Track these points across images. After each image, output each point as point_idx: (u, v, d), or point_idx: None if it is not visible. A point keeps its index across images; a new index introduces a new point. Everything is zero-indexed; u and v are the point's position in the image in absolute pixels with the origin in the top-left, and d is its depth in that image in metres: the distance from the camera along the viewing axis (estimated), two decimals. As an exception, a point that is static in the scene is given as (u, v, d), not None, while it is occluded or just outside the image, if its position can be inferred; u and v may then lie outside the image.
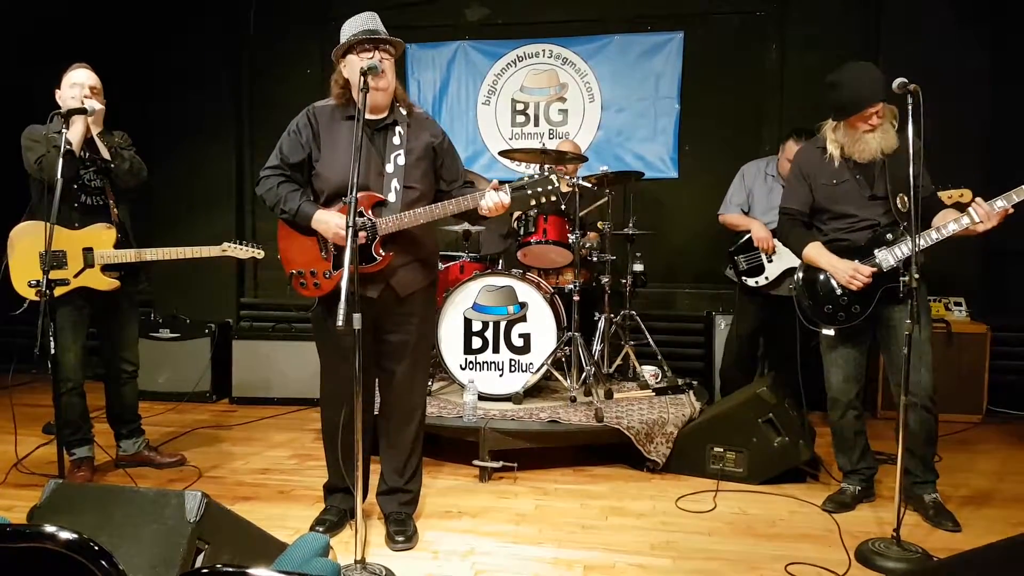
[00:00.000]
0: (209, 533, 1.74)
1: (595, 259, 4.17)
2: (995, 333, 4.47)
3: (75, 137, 3.02)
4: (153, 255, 3.22)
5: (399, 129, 2.60)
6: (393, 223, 2.51)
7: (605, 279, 4.06)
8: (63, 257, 3.09)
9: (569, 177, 4.01)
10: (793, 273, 3.87)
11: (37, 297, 2.65)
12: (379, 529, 2.75)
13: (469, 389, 3.55)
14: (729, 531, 2.81)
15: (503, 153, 4.35)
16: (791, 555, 2.55)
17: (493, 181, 2.54)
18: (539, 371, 3.77)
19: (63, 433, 3.01)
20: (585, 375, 3.78)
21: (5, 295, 3.10)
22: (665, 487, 3.27)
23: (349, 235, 2.22)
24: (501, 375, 3.83)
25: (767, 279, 4.04)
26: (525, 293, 3.80)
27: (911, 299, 2.47)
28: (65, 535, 0.93)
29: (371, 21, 2.53)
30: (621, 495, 3.18)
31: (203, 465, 3.51)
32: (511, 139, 5.39)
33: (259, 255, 3.41)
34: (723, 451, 3.33)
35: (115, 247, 3.18)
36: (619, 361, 4.25)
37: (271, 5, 5.52)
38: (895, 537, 2.50)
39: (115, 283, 3.19)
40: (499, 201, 2.49)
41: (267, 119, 5.43)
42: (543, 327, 3.78)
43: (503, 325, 3.81)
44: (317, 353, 2.79)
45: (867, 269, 2.80)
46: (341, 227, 2.46)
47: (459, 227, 4.31)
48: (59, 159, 2.75)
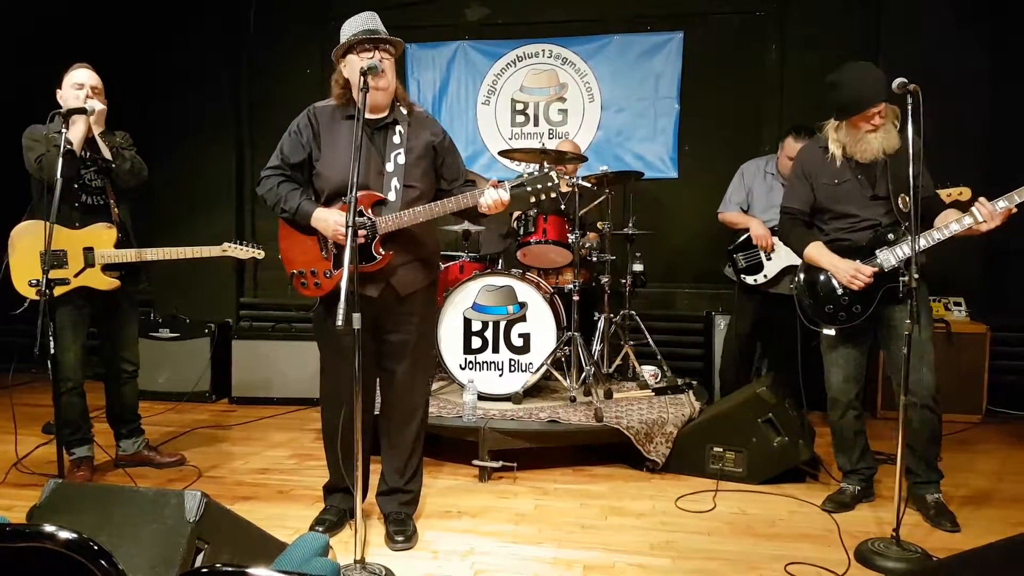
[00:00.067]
0: (209, 533, 1.74)
1: (595, 259, 4.17)
2: (995, 333, 4.47)
3: (76, 137, 3.02)
4: (154, 255, 3.22)
5: (399, 128, 2.60)
6: (392, 222, 2.51)
7: (605, 279, 4.06)
8: (64, 256, 3.09)
9: (569, 177, 4.01)
10: (791, 271, 3.90)
11: (37, 296, 2.65)
12: (379, 529, 2.75)
13: (469, 389, 3.55)
14: (729, 531, 2.81)
15: (503, 153, 4.35)
16: (791, 555, 2.55)
17: (492, 179, 2.54)
18: (539, 371, 3.78)
19: (63, 433, 3.01)
20: (585, 375, 3.78)
21: (6, 294, 3.11)
22: (665, 487, 3.27)
23: (349, 234, 2.21)
24: (501, 375, 3.83)
25: (766, 277, 4.04)
26: (525, 293, 3.80)
27: (911, 299, 2.47)
28: (65, 535, 0.93)
29: (371, 21, 2.53)
30: (621, 495, 3.19)
31: (203, 465, 3.51)
32: (511, 139, 5.39)
33: (259, 255, 3.41)
34: (723, 451, 3.33)
35: (115, 247, 3.18)
36: (619, 361, 4.25)
37: (271, 5, 5.52)
38: (894, 537, 2.50)
39: (115, 283, 3.20)
40: (498, 199, 2.49)
41: (267, 119, 5.43)
42: (543, 327, 3.78)
43: (503, 325, 3.81)
44: (318, 353, 2.79)
45: (868, 269, 2.80)
46: (340, 225, 2.47)
47: (459, 227, 4.31)
48: (59, 158, 2.75)
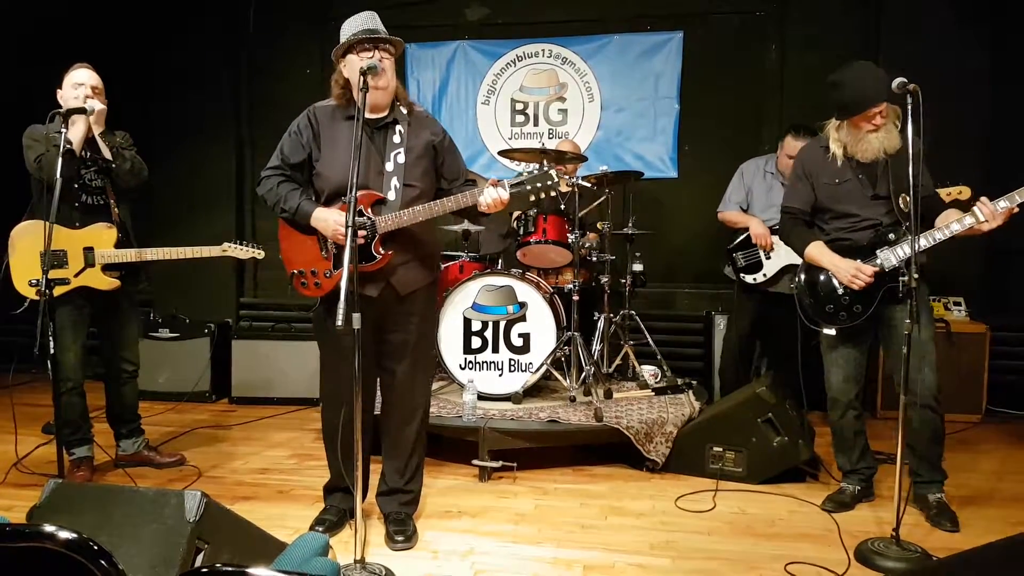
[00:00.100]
0: (208, 533, 1.73)
1: (594, 259, 4.17)
2: (994, 333, 4.47)
3: (76, 136, 3.03)
4: (154, 255, 3.22)
5: (399, 128, 2.60)
6: (392, 221, 2.51)
7: (605, 279, 4.06)
8: (64, 256, 3.09)
9: (569, 177, 4.01)
10: (791, 270, 3.90)
11: (38, 296, 2.65)
12: (379, 529, 2.75)
13: (468, 389, 3.55)
14: (728, 531, 2.81)
15: (502, 153, 4.35)
16: (790, 555, 2.55)
17: (491, 177, 2.54)
18: (538, 371, 3.78)
19: (63, 433, 3.01)
20: (584, 375, 3.78)
21: (6, 294, 3.11)
22: (664, 487, 3.27)
23: (349, 234, 2.21)
24: (500, 375, 3.83)
25: (765, 276, 4.04)
26: (524, 293, 3.80)
27: (911, 299, 2.47)
28: (64, 535, 0.93)
29: (371, 20, 2.53)
30: (620, 495, 3.18)
31: (203, 465, 3.51)
32: (510, 139, 5.39)
33: (259, 255, 3.41)
34: (722, 451, 3.33)
35: (116, 247, 3.18)
36: (618, 361, 4.25)
37: (271, 4, 5.52)
38: (894, 537, 2.50)
39: (115, 283, 3.20)
40: (497, 197, 2.49)
41: (267, 118, 5.43)
42: (542, 327, 3.78)
43: (502, 325, 3.81)
44: (317, 353, 2.79)
45: (869, 269, 2.79)
46: (340, 224, 2.47)
47: (458, 227, 4.31)
48: (58, 158, 2.74)
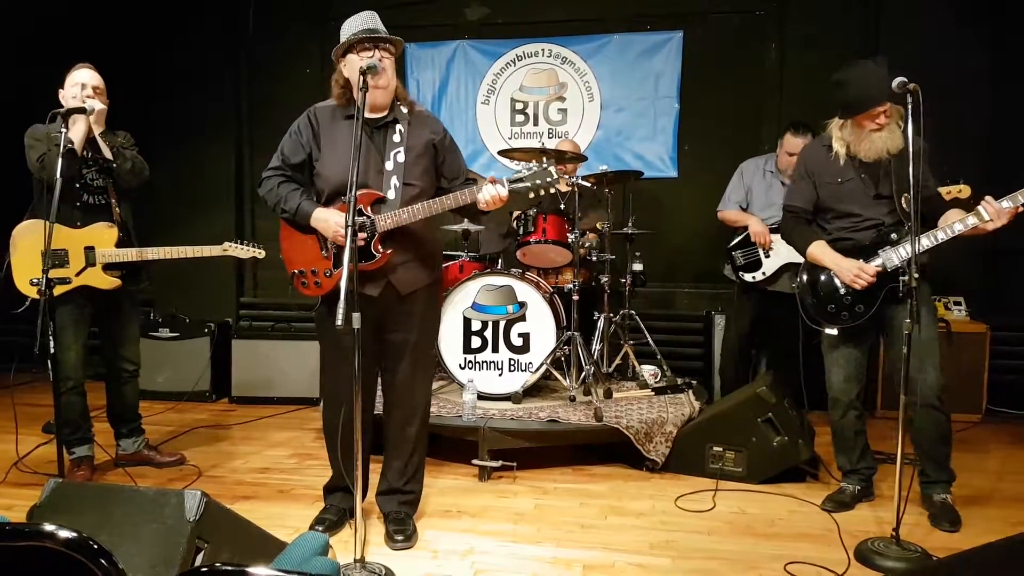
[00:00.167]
0: (209, 532, 1.73)
1: (594, 258, 4.17)
2: (994, 332, 4.47)
3: (77, 136, 3.03)
4: (155, 254, 3.22)
5: (399, 127, 2.60)
6: (391, 219, 2.51)
7: (604, 278, 4.06)
8: (65, 256, 3.09)
9: (569, 176, 4.01)
10: (790, 269, 3.91)
11: (39, 296, 2.65)
12: (379, 528, 2.76)
13: (468, 388, 3.55)
14: (728, 530, 2.81)
15: (502, 152, 4.35)
16: (790, 554, 2.55)
17: (490, 175, 2.53)
18: (538, 370, 3.78)
19: (63, 432, 3.01)
20: (584, 374, 3.78)
21: (7, 293, 3.11)
22: (664, 486, 3.27)
23: (348, 234, 2.21)
24: (500, 374, 3.83)
25: (764, 274, 4.04)
26: (524, 292, 3.80)
27: (911, 298, 2.47)
28: (65, 534, 0.93)
29: (371, 20, 2.54)
30: (620, 494, 3.19)
31: (203, 464, 3.52)
32: (510, 138, 5.39)
33: (260, 255, 3.40)
34: (722, 450, 3.33)
35: (117, 246, 3.18)
36: (618, 360, 4.25)
37: (270, 4, 5.51)
38: (894, 536, 2.50)
39: (116, 282, 3.20)
40: (496, 194, 2.49)
41: (267, 118, 5.43)
42: (542, 326, 3.78)
43: (502, 324, 3.81)
44: (318, 352, 2.79)
45: (872, 268, 2.79)
46: (340, 225, 2.47)
47: (458, 226, 4.31)
48: (59, 158, 2.75)
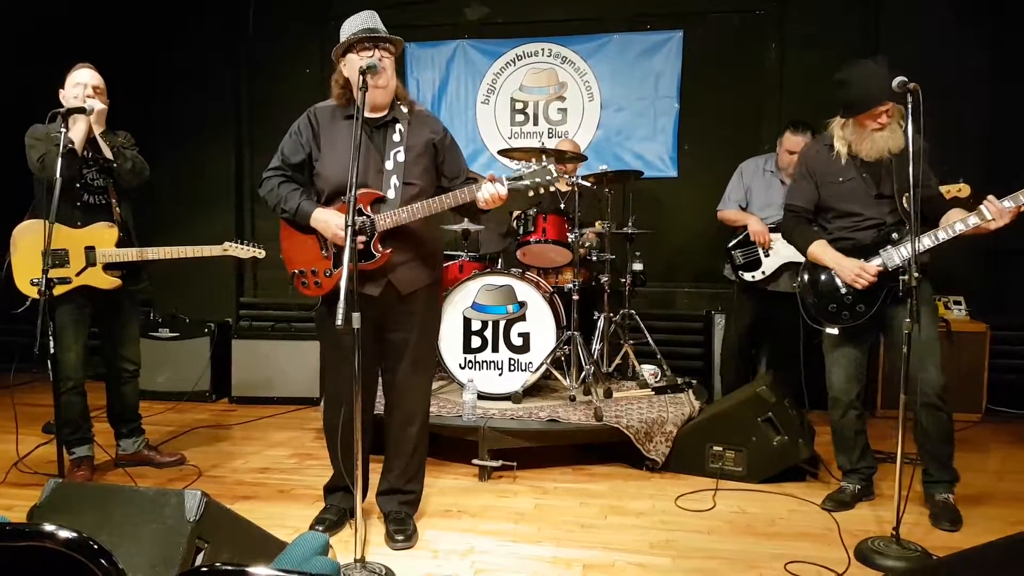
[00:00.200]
0: (209, 532, 1.73)
1: (594, 258, 4.17)
2: (994, 332, 4.47)
3: (78, 136, 3.03)
4: (155, 254, 3.22)
5: (399, 126, 2.60)
6: (390, 219, 2.51)
7: (604, 278, 4.06)
8: (65, 255, 3.09)
9: (568, 176, 4.01)
10: (790, 268, 3.90)
11: (39, 296, 2.65)
12: (379, 528, 2.76)
13: (468, 388, 3.55)
14: (728, 530, 2.81)
15: (502, 152, 4.35)
16: (790, 554, 2.55)
17: (489, 173, 2.52)
18: (538, 370, 3.77)
19: (63, 432, 3.01)
20: (584, 374, 3.78)
21: (8, 293, 3.11)
22: (664, 486, 3.27)
23: (348, 234, 2.21)
24: (500, 374, 3.83)
25: (764, 273, 4.04)
26: (524, 292, 3.80)
27: (910, 298, 2.47)
28: (65, 534, 0.93)
29: (371, 20, 2.54)
30: (620, 494, 3.19)
31: (203, 464, 3.52)
32: (510, 138, 5.39)
33: (260, 254, 3.40)
34: (722, 450, 3.33)
35: (117, 246, 3.18)
36: (618, 360, 4.25)
37: (270, 4, 5.51)
38: (894, 535, 2.50)
39: (117, 282, 3.19)
40: (495, 192, 2.49)
41: (267, 118, 5.43)
42: (542, 326, 3.78)
43: (502, 324, 3.81)
44: (318, 352, 2.78)
45: (873, 268, 2.79)
46: (339, 226, 2.47)
47: (458, 226, 4.30)
48: (59, 158, 2.74)
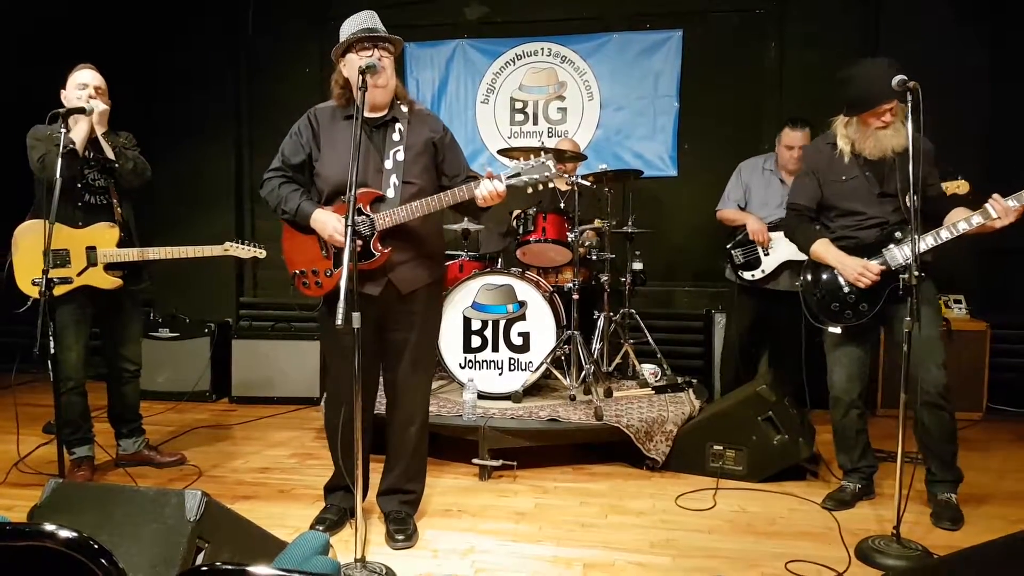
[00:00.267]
0: (209, 532, 1.73)
1: (594, 257, 4.17)
2: (995, 331, 4.47)
3: (79, 136, 3.03)
4: (156, 254, 3.22)
5: (399, 126, 2.60)
6: (389, 217, 2.50)
7: (604, 277, 4.06)
8: (66, 255, 3.09)
9: (568, 175, 4.01)
10: (789, 266, 3.90)
11: (39, 296, 2.65)
12: (379, 528, 2.76)
13: (468, 388, 3.55)
14: (729, 529, 2.81)
15: (502, 152, 4.35)
16: (791, 553, 2.55)
17: (488, 170, 2.52)
18: (538, 370, 3.77)
19: (63, 432, 3.01)
20: (584, 373, 3.78)
21: (10, 293, 3.11)
22: (665, 485, 3.27)
23: (348, 234, 2.21)
24: (500, 374, 3.83)
25: (763, 272, 4.04)
26: (524, 292, 3.80)
27: (910, 296, 2.47)
28: (65, 533, 0.93)
29: (370, 20, 2.53)
30: (621, 493, 3.19)
31: (203, 464, 3.52)
32: (510, 138, 5.39)
33: (261, 254, 3.40)
34: (723, 449, 3.33)
35: (118, 246, 3.18)
36: (618, 359, 4.25)
37: (270, 4, 5.51)
38: (895, 534, 2.50)
39: (118, 281, 3.19)
40: (493, 189, 2.48)
41: (266, 118, 5.44)
42: (542, 326, 3.78)
43: (502, 324, 3.81)
44: (318, 352, 2.78)
45: (876, 267, 2.78)
46: (336, 229, 2.48)
47: (458, 226, 4.30)
48: (59, 158, 2.74)
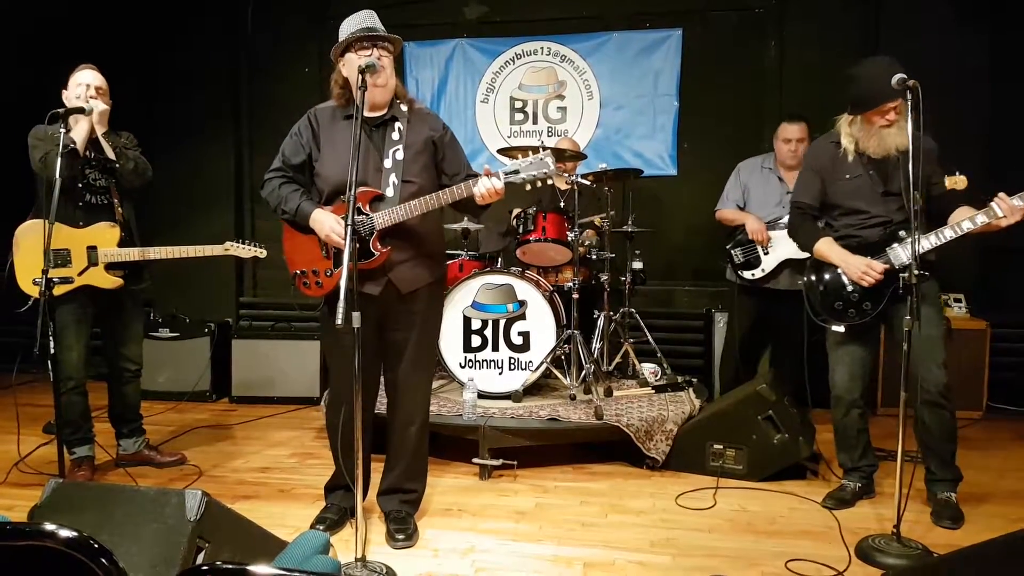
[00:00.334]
0: (209, 532, 1.73)
1: (594, 257, 4.17)
2: (995, 329, 4.47)
3: (80, 136, 3.03)
4: (157, 254, 3.22)
5: (398, 125, 2.60)
6: (388, 216, 2.50)
7: (604, 277, 4.06)
8: (67, 255, 3.09)
9: (568, 175, 4.01)
10: (789, 265, 3.90)
11: (40, 295, 2.65)
12: (379, 527, 2.76)
13: (469, 387, 3.55)
14: (729, 528, 2.81)
15: (502, 151, 4.34)
16: (791, 552, 2.55)
17: (485, 167, 2.51)
18: (538, 369, 3.78)
19: (64, 432, 3.01)
20: (584, 373, 3.78)
21: (11, 293, 3.11)
22: (665, 484, 3.28)
23: (348, 233, 2.21)
24: (501, 373, 3.83)
25: (763, 271, 4.03)
26: (524, 291, 3.80)
27: (910, 295, 2.47)
28: (65, 533, 0.93)
29: (369, 19, 2.53)
30: (621, 493, 3.19)
31: (203, 464, 3.52)
32: (509, 137, 5.39)
33: (261, 254, 3.40)
34: (723, 448, 3.34)
35: (119, 246, 3.18)
36: (618, 359, 4.25)
37: (270, 4, 5.51)
38: (895, 533, 2.50)
39: (119, 281, 3.19)
40: (492, 187, 2.47)
41: (266, 118, 5.44)
42: (542, 325, 3.78)
43: (502, 323, 3.81)
44: (319, 352, 2.78)
45: (880, 265, 2.78)
46: (335, 229, 2.48)
47: (458, 225, 4.31)
48: (59, 158, 2.74)
